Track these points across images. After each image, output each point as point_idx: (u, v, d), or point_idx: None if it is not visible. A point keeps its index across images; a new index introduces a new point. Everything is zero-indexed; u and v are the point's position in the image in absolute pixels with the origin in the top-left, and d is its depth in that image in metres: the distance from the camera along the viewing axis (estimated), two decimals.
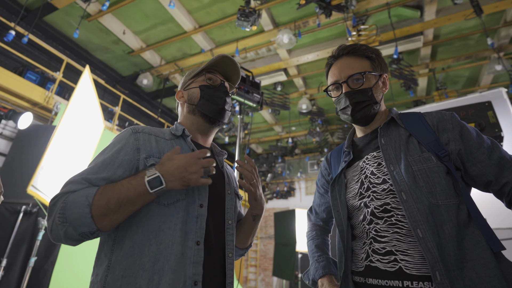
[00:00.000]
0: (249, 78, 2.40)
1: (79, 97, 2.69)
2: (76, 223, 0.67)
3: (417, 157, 0.85)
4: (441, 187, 0.79)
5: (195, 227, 0.78)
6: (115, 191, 0.71)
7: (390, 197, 0.85)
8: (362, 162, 0.97)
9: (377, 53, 1.01)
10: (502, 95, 2.34)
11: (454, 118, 0.89)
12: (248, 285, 9.46)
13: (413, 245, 0.78)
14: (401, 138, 0.91)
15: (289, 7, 4.56)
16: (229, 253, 0.85)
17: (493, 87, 4.02)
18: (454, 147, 0.84)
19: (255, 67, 5.78)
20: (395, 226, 0.82)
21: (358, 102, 0.95)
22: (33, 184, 2.11)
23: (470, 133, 0.85)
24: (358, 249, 0.90)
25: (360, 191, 0.93)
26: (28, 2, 4.61)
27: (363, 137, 1.03)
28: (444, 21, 4.42)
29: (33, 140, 3.68)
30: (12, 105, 4.36)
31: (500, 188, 0.80)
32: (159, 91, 6.91)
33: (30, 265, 2.28)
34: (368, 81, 0.96)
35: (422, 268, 0.75)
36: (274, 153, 9.29)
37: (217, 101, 0.96)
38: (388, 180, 0.86)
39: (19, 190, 2.86)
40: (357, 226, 0.92)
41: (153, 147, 0.84)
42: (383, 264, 0.80)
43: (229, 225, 0.89)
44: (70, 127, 2.55)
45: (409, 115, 0.97)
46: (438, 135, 0.87)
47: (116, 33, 5.25)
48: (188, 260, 0.74)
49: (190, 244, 0.75)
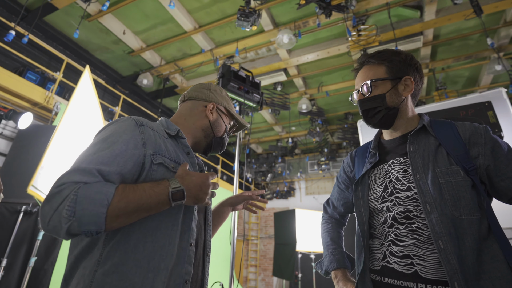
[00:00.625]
0: (249, 78, 2.40)
1: (79, 97, 2.69)
2: (85, 220, 0.61)
3: (445, 169, 0.86)
4: (466, 201, 0.81)
5: (189, 229, 0.81)
6: (136, 195, 0.68)
7: (413, 205, 0.87)
8: (387, 166, 0.98)
9: (395, 56, 1.00)
10: (502, 95, 2.34)
11: (488, 133, 0.89)
12: (248, 285, 9.46)
13: (430, 252, 0.81)
14: (430, 148, 0.91)
15: (289, 7, 4.56)
16: (208, 252, 0.92)
17: (493, 87, 4.02)
18: (483, 162, 0.85)
19: (255, 67, 5.78)
20: (415, 232, 0.85)
21: (369, 109, 0.99)
22: (33, 184, 2.12)
23: (502, 149, 0.86)
24: (375, 248, 0.93)
25: (383, 194, 0.94)
26: (28, 2, 4.61)
27: (391, 140, 1.04)
28: (444, 21, 4.42)
29: (33, 140, 3.68)
30: (12, 105, 4.36)
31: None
32: (159, 91, 6.91)
33: (30, 265, 2.28)
34: (379, 88, 0.98)
35: (437, 273, 0.78)
36: (274, 153, 9.29)
37: (222, 149, 1.08)
38: (413, 188, 0.88)
39: (19, 190, 2.87)
40: (377, 227, 0.95)
41: (157, 143, 0.82)
42: (399, 266, 0.84)
43: (209, 226, 0.95)
44: (70, 127, 2.55)
45: (441, 123, 0.97)
46: (468, 148, 0.88)
47: (116, 33, 5.25)
48: (182, 260, 0.77)
49: (184, 245, 0.79)
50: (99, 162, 0.69)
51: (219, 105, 1.05)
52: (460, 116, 1.83)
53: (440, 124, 0.96)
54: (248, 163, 9.63)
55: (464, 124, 0.93)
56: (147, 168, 0.76)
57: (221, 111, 1.06)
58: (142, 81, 6.14)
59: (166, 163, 0.81)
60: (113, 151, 0.72)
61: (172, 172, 0.81)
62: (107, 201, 0.63)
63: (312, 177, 9.79)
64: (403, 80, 0.98)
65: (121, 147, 0.74)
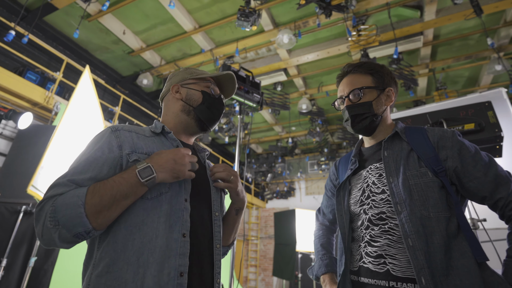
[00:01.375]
0: (249, 78, 2.40)
1: (79, 97, 2.69)
2: (70, 224, 0.67)
3: (414, 171, 0.92)
4: (434, 200, 0.86)
5: (180, 220, 0.78)
6: (107, 187, 0.71)
7: (386, 207, 0.93)
8: (365, 172, 1.05)
9: (380, 68, 1.08)
10: (502, 95, 2.34)
11: (455, 137, 0.95)
12: (248, 285, 9.46)
13: (401, 251, 0.86)
14: (403, 152, 0.98)
15: (289, 7, 4.56)
16: (217, 244, 0.87)
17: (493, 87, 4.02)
18: (451, 164, 0.91)
19: (255, 67, 5.78)
20: (387, 233, 0.91)
21: (357, 115, 1.04)
22: (33, 184, 2.12)
23: (468, 151, 0.92)
24: (355, 250, 0.99)
25: (361, 198, 1.01)
26: (28, 2, 4.61)
27: (369, 148, 1.11)
28: (444, 21, 4.42)
29: (33, 140, 3.68)
30: (12, 105, 4.36)
31: (494, 202, 0.87)
32: (159, 91, 6.91)
33: (30, 265, 2.28)
34: (367, 95, 1.04)
35: (407, 271, 0.84)
36: (274, 153, 9.29)
37: (215, 112, 1.00)
38: (386, 191, 0.94)
39: (19, 190, 2.87)
40: (356, 230, 1.01)
41: (134, 143, 0.84)
42: (373, 265, 0.90)
43: (216, 217, 0.91)
44: (70, 127, 2.55)
45: (413, 130, 1.03)
46: (437, 151, 0.94)
47: (116, 33, 5.25)
48: (174, 252, 0.74)
49: (175, 236, 0.76)
50: (73, 173, 0.75)
51: (182, 81, 1.03)
52: (460, 116, 1.83)
53: (412, 130, 1.04)
54: (248, 163, 9.63)
55: (434, 129, 1.00)
56: (124, 167, 0.79)
57: (188, 84, 1.02)
58: (142, 81, 6.14)
59: (141, 158, 0.80)
60: (87, 159, 0.78)
61: None
62: (81, 201, 0.68)
63: (312, 177, 9.79)
64: (386, 91, 1.07)
65: (95, 153, 0.79)
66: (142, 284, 0.68)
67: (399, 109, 6.22)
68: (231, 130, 7.13)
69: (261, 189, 10.56)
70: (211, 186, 0.95)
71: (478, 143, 1.76)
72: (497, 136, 1.70)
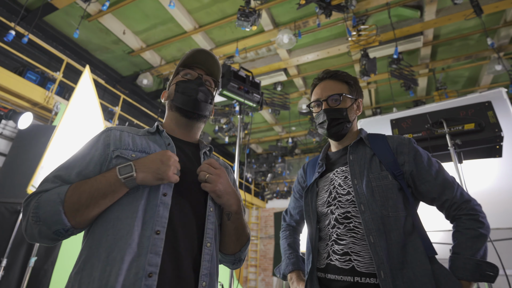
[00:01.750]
0: (249, 78, 2.40)
1: (79, 97, 2.69)
2: (50, 221, 0.67)
3: (376, 174, 1.01)
4: (392, 201, 0.95)
5: (155, 216, 0.72)
6: (87, 185, 0.71)
7: (351, 207, 1.00)
8: (332, 174, 1.12)
9: (355, 80, 1.18)
10: (502, 95, 2.34)
11: (411, 144, 1.06)
12: (248, 285, 9.46)
13: (365, 248, 0.93)
14: (366, 157, 1.06)
15: (289, 7, 4.56)
16: (207, 242, 0.78)
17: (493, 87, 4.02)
18: (408, 168, 1.01)
19: (255, 67, 5.78)
20: (352, 231, 0.97)
21: (334, 119, 1.10)
22: (33, 184, 2.12)
23: (422, 157, 1.03)
24: (322, 249, 1.05)
25: (328, 199, 1.07)
26: (28, 2, 4.61)
27: (336, 152, 1.18)
28: (444, 21, 4.42)
29: (33, 140, 3.67)
30: (12, 105, 4.36)
31: (441, 203, 0.99)
32: (159, 91, 6.91)
33: (30, 265, 2.29)
34: (344, 102, 1.11)
35: (370, 267, 0.90)
36: (274, 153, 9.29)
37: (190, 92, 0.93)
38: (351, 192, 1.02)
39: (19, 190, 2.87)
40: (323, 229, 1.07)
41: (122, 141, 0.83)
42: (340, 262, 0.96)
43: (211, 212, 0.83)
44: (70, 127, 2.55)
45: (375, 136, 1.13)
46: (396, 156, 1.04)
47: (116, 33, 5.25)
48: (145, 250, 0.68)
49: (147, 234, 0.70)
50: (60, 168, 0.77)
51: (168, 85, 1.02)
52: (460, 116, 1.83)
53: (374, 137, 1.13)
54: (248, 163, 9.63)
55: (393, 137, 1.10)
56: (107, 164, 0.78)
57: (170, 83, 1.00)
58: (142, 81, 6.14)
59: (123, 154, 0.79)
60: (75, 156, 0.80)
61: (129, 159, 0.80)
62: (60, 198, 0.68)
63: None
64: (358, 102, 1.16)
65: (83, 151, 0.81)
66: (106, 283, 0.64)
67: (399, 109, 6.21)
68: (231, 130, 7.13)
69: (261, 189, 10.56)
70: None
71: (478, 143, 1.77)
72: (497, 136, 1.70)
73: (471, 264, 0.88)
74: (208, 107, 0.97)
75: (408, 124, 2.00)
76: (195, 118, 0.95)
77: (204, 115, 0.97)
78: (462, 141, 1.73)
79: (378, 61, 5.00)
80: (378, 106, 7.09)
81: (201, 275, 0.74)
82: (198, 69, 0.99)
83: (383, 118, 2.73)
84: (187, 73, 0.97)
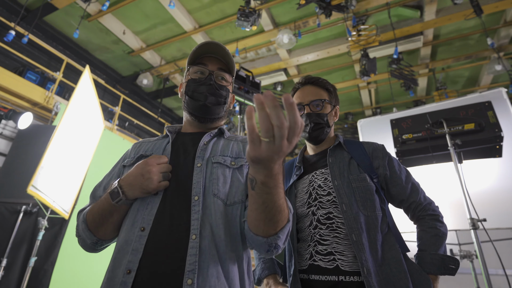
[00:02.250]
0: (249, 78, 2.40)
1: (79, 97, 2.69)
2: (83, 236, 0.80)
3: (356, 176, 1.06)
4: (371, 202, 1.01)
5: (143, 213, 0.74)
6: (97, 205, 0.79)
7: (333, 207, 1.04)
8: (311, 176, 1.15)
9: (334, 87, 1.25)
10: (502, 95, 2.34)
11: (384, 150, 1.16)
12: None
13: (348, 247, 0.97)
14: (345, 160, 1.12)
15: (289, 7, 4.56)
16: (193, 234, 0.69)
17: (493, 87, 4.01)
18: (382, 171, 1.09)
19: (255, 67, 5.78)
20: (335, 231, 1.00)
21: (317, 123, 1.14)
22: (33, 184, 2.11)
23: (393, 163, 1.13)
24: (302, 250, 1.06)
25: (308, 200, 1.10)
26: (28, 2, 4.60)
27: (313, 155, 1.22)
28: (444, 21, 4.42)
29: (33, 140, 3.67)
30: (12, 105, 4.36)
31: (408, 205, 1.09)
32: (159, 91, 6.91)
33: (30, 265, 2.28)
34: (325, 108, 1.17)
35: (353, 265, 0.94)
36: None
37: (199, 97, 0.88)
38: (332, 192, 1.06)
39: (19, 190, 2.87)
40: (303, 230, 1.08)
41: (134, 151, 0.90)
42: (324, 262, 0.98)
43: (195, 201, 0.74)
44: (70, 127, 2.55)
45: (352, 142, 1.20)
46: (372, 160, 1.12)
47: (116, 33, 5.25)
48: (129, 247, 0.70)
49: (135, 231, 0.72)
50: (96, 185, 0.90)
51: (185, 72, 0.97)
52: (460, 116, 1.83)
53: (351, 142, 1.20)
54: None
55: (368, 142, 1.19)
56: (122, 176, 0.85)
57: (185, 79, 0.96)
58: (142, 81, 6.14)
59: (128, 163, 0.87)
60: (106, 174, 0.92)
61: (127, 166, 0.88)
62: (84, 218, 0.80)
63: None
64: (335, 108, 1.23)
65: (113, 167, 0.93)
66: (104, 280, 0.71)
67: (399, 109, 6.21)
68: (231, 130, 7.13)
69: None
70: (194, 167, 0.80)
71: (478, 143, 1.77)
72: (497, 136, 1.70)
73: (437, 259, 0.97)
74: (221, 109, 0.92)
75: (408, 124, 2.00)
76: (208, 122, 0.92)
77: (218, 117, 0.93)
78: (462, 141, 1.73)
79: (378, 61, 5.00)
80: (378, 106, 7.09)
81: (186, 271, 0.65)
82: (210, 63, 0.92)
83: (383, 118, 2.73)
84: (198, 70, 0.91)
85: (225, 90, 0.93)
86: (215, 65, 0.92)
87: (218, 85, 0.90)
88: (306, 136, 1.18)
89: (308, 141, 1.22)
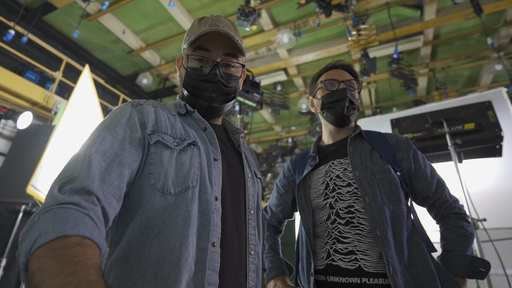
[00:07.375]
0: (249, 77, 2.40)
1: (79, 97, 2.69)
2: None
3: (379, 167, 0.98)
4: (396, 195, 0.93)
5: (209, 224, 0.60)
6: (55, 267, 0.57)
7: (353, 199, 0.95)
8: (328, 167, 1.06)
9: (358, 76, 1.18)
10: (502, 95, 2.33)
11: (408, 142, 1.07)
12: None
13: (371, 246, 0.87)
14: (366, 150, 1.04)
15: (289, 6, 4.55)
16: (251, 250, 0.67)
17: (493, 87, 4.01)
18: (406, 164, 1.01)
19: (255, 66, 5.78)
20: (356, 228, 0.91)
21: (353, 102, 1.06)
22: (33, 184, 2.11)
23: (418, 155, 1.04)
24: (318, 248, 0.97)
25: (325, 191, 1.01)
26: (27, 1, 4.60)
27: (330, 145, 1.14)
28: (444, 21, 4.41)
29: (32, 139, 3.67)
30: (12, 105, 4.36)
31: (433, 201, 0.99)
32: (159, 90, 6.91)
33: None
34: (356, 93, 1.10)
35: (378, 266, 0.85)
36: (274, 153, 9.28)
37: (202, 97, 0.75)
38: (353, 183, 0.97)
39: (19, 190, 2.86)
40: (319, 225, 0.99)
41: (158, 121, 0.68)
42: (344, 262, 0.88)
43: (251, 215, 0.71)
44: (69, 127, 2.55)
45: (373, 132, 1.12)
46: (395, 152, 1.03)
47: (116, 33, 5.24)
48: (202, 266, 0.57)
49: (203, 246, 0.58)
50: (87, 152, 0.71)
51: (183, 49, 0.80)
52: (460, 115, 1.83)
53: (372, 133, 1.12)
54: None
55: (391, 134, 1.10)
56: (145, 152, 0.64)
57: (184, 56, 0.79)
58: (141, 81, 6.13)
59: (165, 140, 0.64)
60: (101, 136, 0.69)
61: (173, 149, 0.65)
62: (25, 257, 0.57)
63: None
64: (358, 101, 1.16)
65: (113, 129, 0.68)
66: None
67: (399, 109, 6.22)
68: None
69: None
70: (245, 177, 0.74)
71: (478, 142, 1.76)
72: (497, 135, 1.70)
73: (466, 260, 0.87)
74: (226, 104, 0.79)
75: (408, 124, 1.99)
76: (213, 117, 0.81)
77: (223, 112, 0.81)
78: (462, 141, 1.73)
79: (378, 60, 5.00)
80: (378, 105, 7.09)
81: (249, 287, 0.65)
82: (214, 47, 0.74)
83: (383, 117, 2.73)
84: (199, 57, 0.74)
85: (235, 80, 0.77)
86: (221, 50, 0.74)
87: (226, 79, 0.75)
88: (339, 112, 1.04)
89: (335, 120, 1.08)
